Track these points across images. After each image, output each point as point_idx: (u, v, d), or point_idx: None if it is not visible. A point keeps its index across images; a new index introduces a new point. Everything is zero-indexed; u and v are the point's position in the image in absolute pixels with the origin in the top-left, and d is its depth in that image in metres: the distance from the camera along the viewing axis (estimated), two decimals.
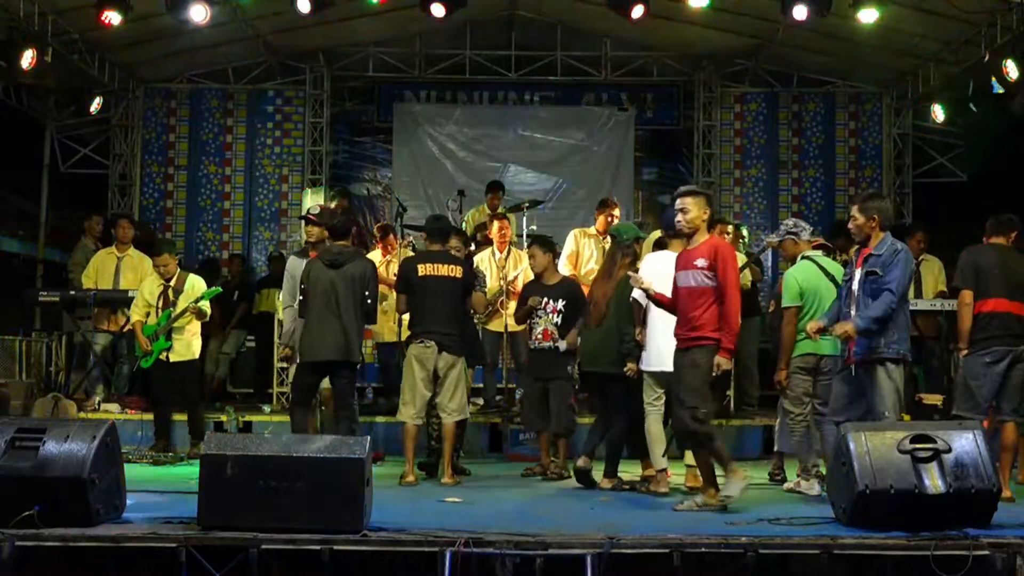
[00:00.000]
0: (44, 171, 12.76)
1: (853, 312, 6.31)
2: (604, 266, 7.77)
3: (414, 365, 7.51)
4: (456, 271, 7.59)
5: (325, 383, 7.73)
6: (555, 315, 7.86)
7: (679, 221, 6.43)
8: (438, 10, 10.68)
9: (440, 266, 7.58)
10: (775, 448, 8.00)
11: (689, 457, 7.06)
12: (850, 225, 6.53)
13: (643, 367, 7.20)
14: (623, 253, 7.51)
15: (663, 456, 7.11)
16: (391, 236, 10.22)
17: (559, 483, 7.69)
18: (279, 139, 13.69)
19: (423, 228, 8.26)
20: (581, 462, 7.32)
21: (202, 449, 8.34)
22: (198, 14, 10.05)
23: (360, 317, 7.51)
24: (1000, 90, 10.19)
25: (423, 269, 7.58)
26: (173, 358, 8.73)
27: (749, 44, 12.92)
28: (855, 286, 6.38)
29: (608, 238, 9.60)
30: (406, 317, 7.89)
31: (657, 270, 7.11)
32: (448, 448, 7.54)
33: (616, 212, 9.68)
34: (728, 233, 9.22)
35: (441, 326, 7.48)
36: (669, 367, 7.02)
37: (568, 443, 8.08)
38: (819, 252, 7.32)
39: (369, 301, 7.53)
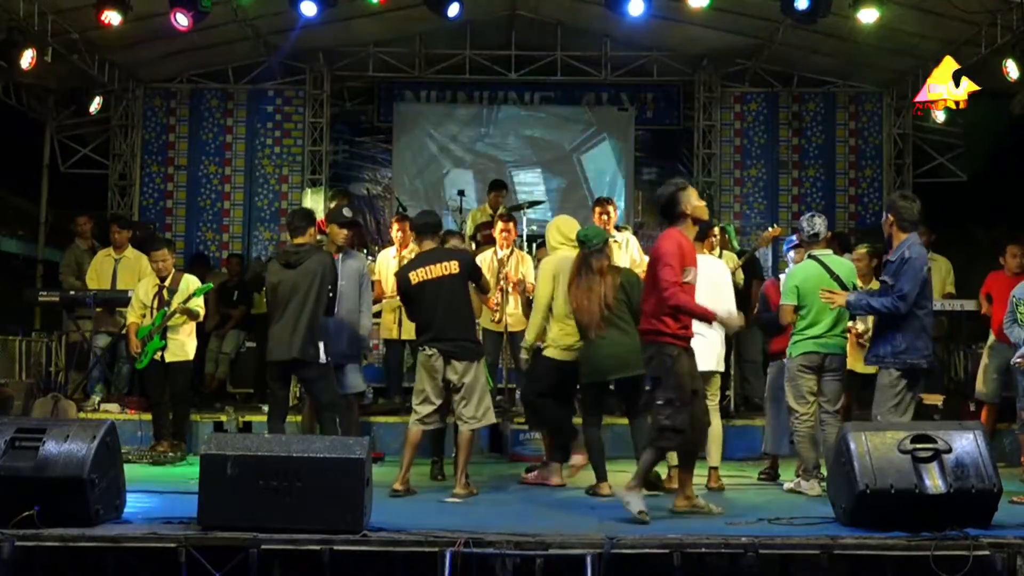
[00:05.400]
0: (44, 171, 12.75)
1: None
2: (578, 274, 7.10)
3: (423, 373, 7.07)
4: (451, 267, 6.98)
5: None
6: None
7: None
8: (454, 10, 10.51)
9: (432, 267, 7.01)
10: (763, 449, 8.03)
11: (672, 458, 6.92)
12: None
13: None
14: (596, 259, 7.07)
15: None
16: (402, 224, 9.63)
17: None
18: (279, 139, 13.67)
19: (412, 228, 7.78)
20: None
21: (182, 449, 8.56)
22: (180, 20, 9.97)
23: (317, 313, 7.20)
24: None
25: (415, 276, 7.04)
26: (168, 358, 8.73)
27: (749, 44, 12.90)
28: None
29: (612, 237, 9.59)
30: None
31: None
32: (463, 458, 6.92)
33: (611, 209, 9.53)
34: (715, 236, 9.14)
35: (444, 332, 6.91)
36: (707, 367, 6.98)
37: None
38: (827, 251, 7.25)
39: (331, 295, 7.28)
